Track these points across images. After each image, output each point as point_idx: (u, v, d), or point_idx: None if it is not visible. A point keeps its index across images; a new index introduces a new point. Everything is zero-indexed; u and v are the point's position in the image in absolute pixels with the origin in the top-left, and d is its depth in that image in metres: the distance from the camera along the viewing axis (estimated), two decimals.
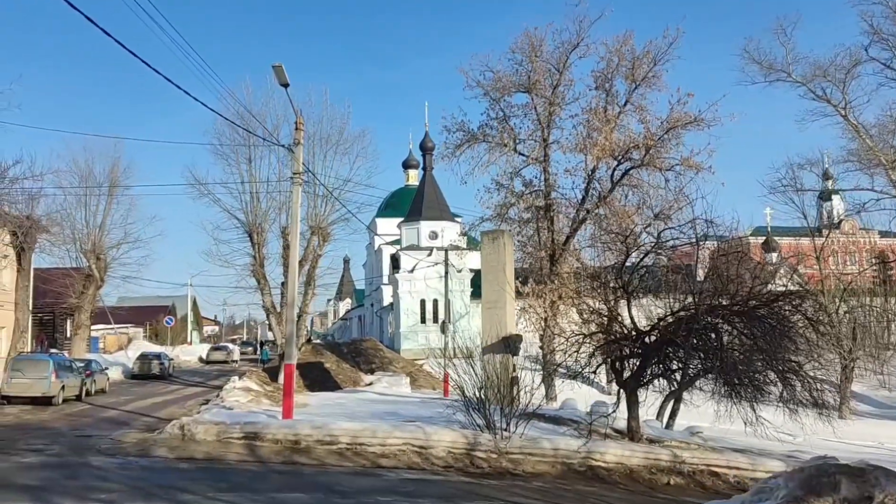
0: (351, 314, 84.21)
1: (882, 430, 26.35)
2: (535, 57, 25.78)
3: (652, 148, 24.19)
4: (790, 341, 15.17)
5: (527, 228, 27.78)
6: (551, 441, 14.50)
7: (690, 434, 18.39)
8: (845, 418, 26.86)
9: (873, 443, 23.27)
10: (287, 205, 30.87)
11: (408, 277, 44.46)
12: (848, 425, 24.38)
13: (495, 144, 26.84)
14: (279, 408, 19.44)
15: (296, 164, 16.37)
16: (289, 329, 16.14)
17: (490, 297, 22.64)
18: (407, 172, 65.69)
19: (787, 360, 15.48)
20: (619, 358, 16.70)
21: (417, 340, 43.57)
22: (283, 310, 30.80)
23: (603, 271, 20.90)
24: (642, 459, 14.31)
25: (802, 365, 15.90)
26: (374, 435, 14.27)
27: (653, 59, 24.65)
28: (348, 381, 32.32)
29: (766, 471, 14.43)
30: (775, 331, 14.73)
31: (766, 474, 14.55)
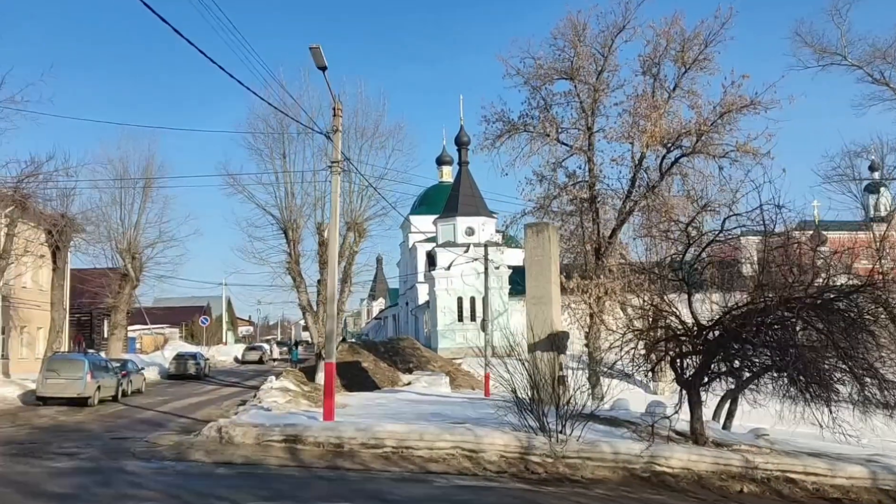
0: (385, 314, 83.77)
1: None
2: (579, 42, 24.70)
3: (704, 134, 22.93)
4: (871, 337, 13.92)
5: (570, 222, 26.69)
6: (611, 444, 13.47)
7: (755, 436, 17.21)
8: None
9: None
10: (322, 200, 30.39)
11: (444, 275, 43.62)
12: None
13: (537, 134, 25.81)
14: (318, 409, 18.75)
15: (335, 152, 15.57)
16: (329, 326, 15.35)
17: (535, 292, 21.66)
18: (441, 169, 64.83)
19: (864, 358, 14.22)
20: (679, 355, 15.60)
21: (455, 339, 42.70)
22: (319, 308, 30.23)
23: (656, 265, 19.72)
24: (711, 465, 13.20)
25: (881, 363, 14.62)
26: (421, 438, 13.41)
27: (703, 41, 23.41)
28: (386, 381, 31.56)
29: (847, 477, 13.29)
30: (855, 325, 13.49)
31: (848, 481, 13.42)
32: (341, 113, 16.00)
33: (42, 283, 32.44)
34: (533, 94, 26.25)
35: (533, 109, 26.25)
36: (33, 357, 31.17)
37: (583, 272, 25.65)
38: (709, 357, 15.07)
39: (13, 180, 23.21)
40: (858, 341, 13.85)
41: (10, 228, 24.95)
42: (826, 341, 13.89)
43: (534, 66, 25.62)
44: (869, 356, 14.27)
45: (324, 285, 30.02)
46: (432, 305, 45.21)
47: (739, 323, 14.26)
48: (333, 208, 15.40)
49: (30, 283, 32.78)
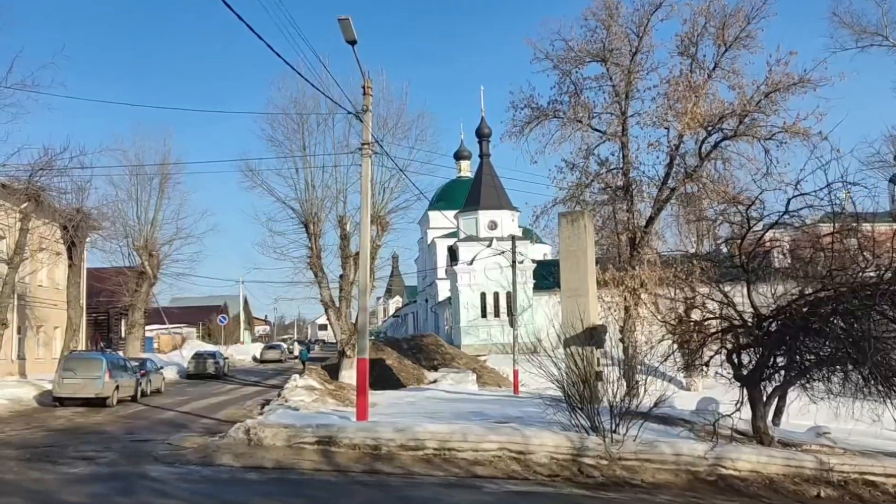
0: (402, 311, 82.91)
1: None
2: (612, 22, 23.51)
3: (748, 115, 21.68)
4: None
5: (602, 212, 25.52)
6: (672, 445, 12.37)
7: (816, 435, 16.06)
8: None
9: None
10: (344, 192, 29.46)
11: (467, 270, 42.59)
12: None
13: (567, 120, 24.64)
14: (347, 408, 17.82)
15: (364, 132, 14.56)
16: (361, 319, 14.35)
17: (571, 284, 20.53)
18: (459, 164, 63.86)
19: None
20: (737, 348, 14.47)
21: (479, 335, 41.69)
22: (341, 304, 29.29)
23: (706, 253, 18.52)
24: (782, 467, 12.08)
25: None
26: (465, 439, 12.37)
27: (745, 17, 22.09)
28: (411, 379, 30.62)
29: None
30: None
31: None
32: (371, 92, 15.00)
33: (58, 281, 31.72)
34: (562, 79, 25.11)
35: (563, 94, 25.10)
36: (50, 357, 30.47)
37: (617, 264, 24.51)
38: (771, 350, 13.94)
39: (26, 170, 22.36)
40: None
41: (23, 223, 24.12)
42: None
43: (564, 49, 24.49)
44: None
45: (346, 280, 29.16)
46: (454, 301, 44.19)
47: (808, 312, 13.13)
48: (364, 193, 14.39)
49: (45, 281, 32.10)
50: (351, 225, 29.57)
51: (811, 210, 13.12)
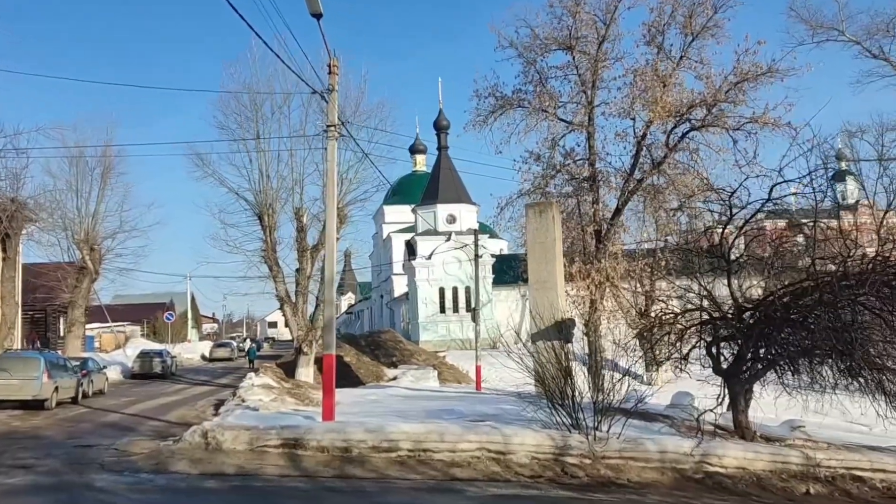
0: (356, 308, 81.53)
1: None
2: (579, 8, 23.03)
3: (716, 105, 21.46)
4: None
5: (567, 204, 25.07)
6: (656, 442, 11.85)
7: (791, 428, 15.78)
8: None
9: None
10: (301, 183, 28.37)
11: (425, 264, 41.77)
12: None
13: (533, 110, 24.11)
14: (308, 407, 16.91)
15: (330, 113, 13.65)
16: (327, 312, 13.43)
17: (539, 276, 20.02)
18: (415, 157, 62.97)
19: None
20: (715, 341, 14.07)
21: (437, 331, 40.96)
22: (297, 299, 28.20)
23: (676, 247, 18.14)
24: (769, 463, 11.69)
25: None
26: (441, 439, 11.63)
27: (713, 6, 21.89)
28: (370, 376, 29.71)
29: None
30: None
31: None
32: (338, 71, 14.11)
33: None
34: (527, 68, 24.61)
35: (528, 83, 24.61)
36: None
37: (583, 256, 24.10)
38: (751, 342, 13.56)
39: None
40: None
41: None
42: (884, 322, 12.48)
43: (529, 36, 23.99)
44: None
45: (303, 274, 28.09)
46: (412, 297, 43.34)
47: (790, 303, 12.79)
48: (330, 178, 13.48)
49: None
50: (308, 217, 28.54)
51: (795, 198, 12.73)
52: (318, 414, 13.67)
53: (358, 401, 19.03)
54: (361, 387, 26.42)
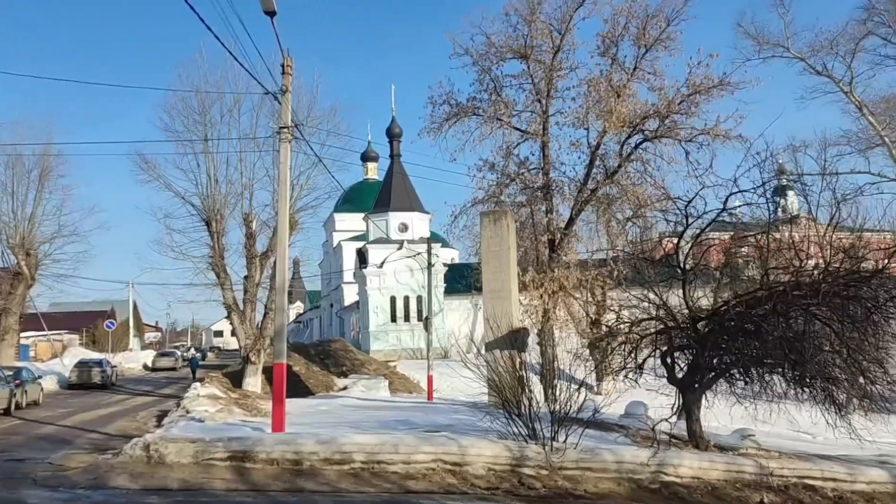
0: (305, 317, 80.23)
1: None
2: (534, 17, 23.08)
3: (669, 117, 21.74)
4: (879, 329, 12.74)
5: (521, 213, 25.05)
6: (613, 452, 11.75)
7: (741, 437, 15.93)
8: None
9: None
10: (251, 188, 27.74)
11: (376, 273, 41.29)
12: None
13: (487, 118, 24.05)
14: (256, 418, 16.34)
15: (284, 115, 13.26)
16: (279, 320, 12.99)
17: (494, 285, 19.92)
18: (366, 165, 62.44)
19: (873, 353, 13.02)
20: (670, 350, 14.09)
21: (388, 340, 40.49)
22: (245, 307, 27.49)
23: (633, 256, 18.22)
24: (724, 472, 11.70)
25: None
26: (396, 451, 11.29)
27: (666, 19, 22.21)
28: (320, 386, 29.10)
29: (868, 481, 12.05)
30: (870, 317, 12.28)
31: (869, 486, 12.11)
32: (292, 71, 13.73)
33: None
34: (482, 76, 24.52)
35: (483, 91, 24.52)
36: None
37: (536, 266, 24.09)
38: (705, 352, 13.62)
39: None
40: (868, 333, 12.69)
41: None
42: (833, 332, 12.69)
43: (485, 44, 23.89)
44: (875, 351, 13.16)
45: (251, 281, 27.41)
46: (363, 305, 42.78)
47: (743, 312, 12.89)
48: (283, 181, 13.06)
49: None
50: (258, 223, 27.88)
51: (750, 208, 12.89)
52: (267, 425, 13.19)
53: (308, 411, 18.53)
54: (311, 397, 25.84)
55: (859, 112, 29.93)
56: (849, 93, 29.80)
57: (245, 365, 27.26)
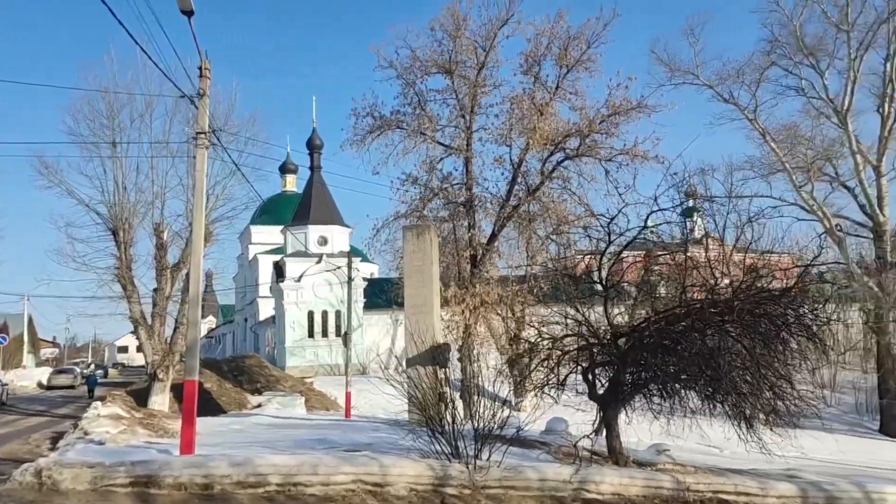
0: (217, 332, 77.51)
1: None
2: (460, 33, 23.17)
3: (589, 136, 22.19)
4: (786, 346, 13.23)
5: (443, 228, 24.96)
6: (537, 470, 11.65)
7: (657, 452, 16.18)
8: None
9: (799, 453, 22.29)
10: (162, 197, 26.54)
11: (294, 287, 40.27)
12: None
13: (411, 132, 23.92)
14: (163, 439, 15.46)
15: (201, 119, 12.62)
16: (191, 334, 12.25)
17: (416, 300, 19.70)
18: (285, 177, 61.19)
19: (780, 369, 13.51)
20: (591, 366, 14.18)
21: (305, 356, 39.49)
22: (154, 321, 26.16)
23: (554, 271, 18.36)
24: (643, 488, 11.81)
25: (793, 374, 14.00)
26: (314, 472, 10.78)
27: (586, 41, 22.77)
28: (233, 404, 27.96)
29: (779, 495, 12.40)
30: (779, 334, 12.74)
31: (779, 500, 12.53)
32: (209, 75, 13.11)
33: None
34: (407, 89, 24.44)
35: (407, 105, 24.44)
36: None
37: (458, 281, 24.02)
38: (625, 368, 13.77)
39: None
40: (777, 350, 13.15)
41: None
42: (744, 349, 13.07)
43: (410, 58, 23.83)
44: (782, 367, 13.63)
45: (161, 294, 26.18)
46: (279, 320, 41.60)
47: (663, 329, 13.10)
48: (199, 190, 12.41)
49: None
50: (169, 233, 26.67)
51: (668, 226, 13.17)
52: (174, 447, 12.42)
53: (220, 431, 17.67)
54: (223, 415, 24.80)
55: (763, 139, 31.44)
56: (753, 120, 31.26)
57: (152, 382, 25.89)
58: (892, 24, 29.43)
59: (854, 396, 35.75)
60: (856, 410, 34.78)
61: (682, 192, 27.11)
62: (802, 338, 13.19)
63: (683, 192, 40.51)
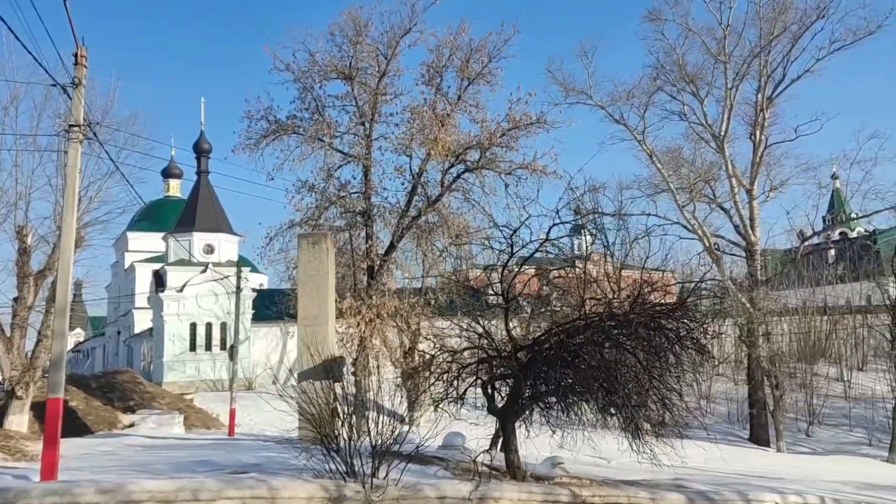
0: (86, 345, 72.28)
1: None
2: (360, 39, 22.66)
3: (489, 149, 22.22)
4: (678, 358, 13.56)
5: (340, 238, 24.26)
6: (435, 487, 11.22)
7: (552, 465, 16.18)
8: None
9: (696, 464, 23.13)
10: (27, 197, 24.30)
11: (175, 297, 38.06)
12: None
13: (308, 138, 23.12)
14: (21, 463, 13.97)
15: (75, 111, 11.45)
16: (57, 347, 10.96)
17: (310, 311, 18.94)
18: (168, 182, 58.12)
19: (670, 381, 13.83)
20: (491, 379, 13.98)
21: (185, 371, 37.37)
22: (14, 333, 23.86)
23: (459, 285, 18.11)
24: (541, 502, 11.70)
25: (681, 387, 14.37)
26: (195, 497, 9.85)
27: (488, 55, 22.88)
28: (101, 423, 25.88)
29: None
30: (672, 347, 13.02)
31: None
32: (86, 63, 11.96)
33: None
34: (304, 94, 23.63)
35: (304, 110, 23.61)
36: None
37: (353, 293, 23.37)
38: (524, 381, 13.65)
39: None
40: (669, 363, 13.43)
41: None
42: (638, 362, 13.26)
43: (308, 62, 23.08)
44: (673, 379, 13.96)
45: (23, 304, 23.97)
46: (158, 333, 39.15)
47: (562, 341, 13.08)
48: (70, 185, 11.22)
49: None
50: (34, 237, 24.46)
51: (569, 239, 13.20)
52: (34, 472, 11.11)
53: (87, 453, 16.13)
54: (90, 436, 22.86)
55: (650, 159, 32.83)
56: (641, 141, 32.64)
57: (9, 400, 23.49)
58: (763, 58, 31.59)
59: (727, 406, 37.81)
60: (728, 420, 36.77)
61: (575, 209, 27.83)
62: (692, 350, 13.57)
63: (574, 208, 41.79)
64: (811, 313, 42.76)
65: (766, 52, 31.56)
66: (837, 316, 43.61)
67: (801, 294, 44.13)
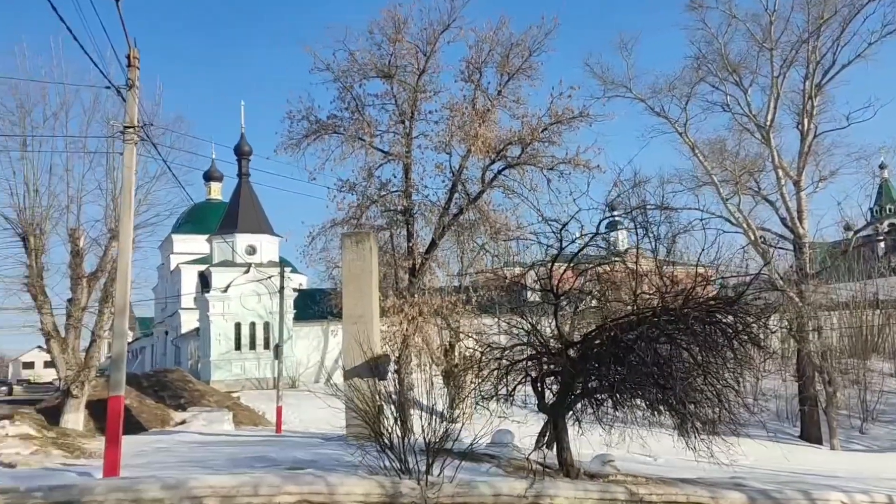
0: (134, 345, 73.92)
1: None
2: (399, 37, 22.66)
3: (531, 145, 22.05)
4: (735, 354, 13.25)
5: (381, 237, 24.33)
6: (491, 485, 11.15)
7: (602, 463, 16.00)
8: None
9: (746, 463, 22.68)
10: (79, 200, 24.93)
11: (221, 297, 38.65)
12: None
13: (349, 137, 23.23)
14: (80, 460, 14.30)
15: (130, 112, 11.67)
16: (117, 347, 11.22)
17: (355, 310, 19.03)
18: (209, 185, 59.14)
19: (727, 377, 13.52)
20: (541, 376, 13.86)
21: (232, 370, 37.94)
22: (68, 333, 24.48)
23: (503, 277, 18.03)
24: (598, 501, 11.49)
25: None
26: (256, 492, 9.97)
27: (528, 49, 22.67)
28: (155, 421, 26.43)
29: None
30: (729, 342, 12.74)
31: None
32: (139, 65, 12.16)
33: None
34: (344, 93, 23.72)
35: (345, 110, 23.70)
36: None
37: (396, 291, 23.42)
38: (575, 377, 13.50)
39: None
40: (726, 359, 13.15)
41: None
42: (692, 358, 13.01)
43: (348, 60, 23.13)
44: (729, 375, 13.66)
45: (77, 305, 24.60)
46: (204, 332, 39.82)
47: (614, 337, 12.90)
48: (127, 188, 11.45)
49: None
50: (86, 240, 25.06)
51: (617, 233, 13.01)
52: (95, 469, 11.36)
53: (143, 450, 16.43)
54: (144, 433, 23.33)
55: (692, 152, 32.24)
56: (683, 133, 32.06)
57: (65, 399, 24.14)
58: (812, 43, 30.74)
59: (775, 403, 37.01)
60: (777, 417, 35.98)
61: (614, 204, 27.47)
62: (751, 346, 13.26)
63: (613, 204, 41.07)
64: (863, 307, 41.54)
65: (814, 38, 30.67)
66: (891, 310, 42.30)
67: (852, 287, 42.90)
